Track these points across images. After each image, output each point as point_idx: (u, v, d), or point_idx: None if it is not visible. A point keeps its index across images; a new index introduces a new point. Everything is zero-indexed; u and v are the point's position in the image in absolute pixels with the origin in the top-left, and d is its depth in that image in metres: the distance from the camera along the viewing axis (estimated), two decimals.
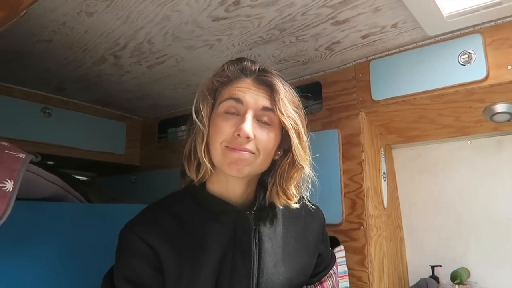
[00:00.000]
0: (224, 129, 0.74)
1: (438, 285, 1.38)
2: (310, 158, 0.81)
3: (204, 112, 0.78)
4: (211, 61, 1.36)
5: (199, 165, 0.78)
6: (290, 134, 0.75)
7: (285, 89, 0.79)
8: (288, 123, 0.75)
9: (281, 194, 0.79)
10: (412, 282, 1.50)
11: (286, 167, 0.78)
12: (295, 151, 0.76)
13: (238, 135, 0.72)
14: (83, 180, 1.95)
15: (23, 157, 0.79)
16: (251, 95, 0.76)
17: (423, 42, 1.22)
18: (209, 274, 0.72)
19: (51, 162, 1.83)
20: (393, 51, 1.28)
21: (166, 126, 2.00)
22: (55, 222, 0.96)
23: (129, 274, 0.72)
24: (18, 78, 1.54)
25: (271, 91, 0.77)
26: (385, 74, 1.29)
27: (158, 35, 1.17)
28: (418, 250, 1.53)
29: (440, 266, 1.43)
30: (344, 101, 1.37)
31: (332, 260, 0.97)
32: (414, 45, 1.24)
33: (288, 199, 0.79)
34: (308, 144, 0.80)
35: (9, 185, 0.75)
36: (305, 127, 0.80)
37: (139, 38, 1.19)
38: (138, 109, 1.94)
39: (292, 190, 0.79)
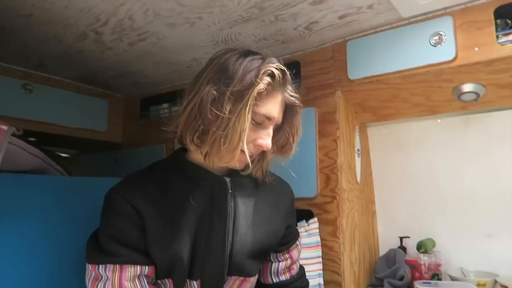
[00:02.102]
0: (250, 137, 0.79)
1: (405, 255, 1.47)
2: None
3: (239, 104, 0.76)
4: (192, 39, 1.38)
5: (202, 134, 0.79)
6: (293, 145, 0.87)
7: (299, 108, 0.87)
8: (296, 139, 0.87)
9: (263, 168, 0.88)
10: (382, 252, 1.59)
11: (275, 153, 0.88)
12: (288, 150, 0.88)
13: (260, 146, 0.81)
14: (65, 157, 1.96)
15: (6, 128, 0.82)
16: (278, 112, 0.83)
17: (397, 24, 1.26)
18: (187, 232, 0.79)
19: (33, 139, 1.84)
20: (369, 31, 1.32)
21: (148, 104, 2.02)
22: (38, 194, 0.99)
23: (114, 233, 0.77)
24: None
25: (289, 111, 0.86)
26: (361, 54, 1.33)
27: (139, 12, 1.19)
28: (389, 223, 1.62)
29: (408, 237, 1.52)
30: (321, 80, 1.42)
31: (298, 234, 1.05)
32: (389, 26, 1.28)
33: (266, 173, 0.89)
34: None
35: None
36: None
37: (120, 14, 1.20)
38: (120, 86, 1.95)
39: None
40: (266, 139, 0.80)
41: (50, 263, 0.94)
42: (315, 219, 1.37)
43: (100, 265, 0.76)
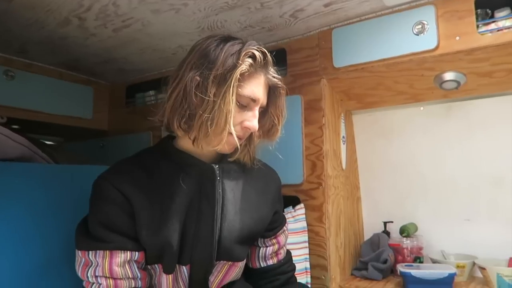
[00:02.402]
0: (236, 119, 0.80)
1: (389, 239, 1.51)
2: None
3: (213, 86, 0.77)
4: (177, 26, 1.37)
5: (188, 119, 0.80)
6: (278, 127, 0.88)
7: (282, 89, 0.88)
8: (280, 120, 0.88)
9: (251, 153, 0.90)
10: (367, 237, 1.64)
11: (261, 137, 0.90)
12: (274, 133, 0.90)
13: (247, 128, 0.81)
14: (50, 144, 1.94)
15: None
16: (262, 94, 0.84)
17: (382, 12, 1.28)
18: (176, 218, 0.80)
19: (16, 126, 1.82)
20: (354, 19, 1.33)
21: (134, 91, 2.00)
22: (24, 182, 0.98)
23: (104, 219, 0.78)
24: None
25: (272, 93, 0.87)
26: (346, 42, 1.34)
27: None
28: (373, 208, 1.66)
29: (392, 222, 1.56)
30: (307, 68, 1.43)
31: (284, 219, 1.07)
32: (374, 14, 1.29)
33: (254, 157, 0.91)
34: None
35: None
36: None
37: (103, 0, 1.18)
38: (105, 73, 1.92)
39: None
40: (252, 121, 0.81)
41: (38, 251, 0.94)
42: (302, 205, 1.39)
43: (90, 251, 0.77)
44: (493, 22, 1.14)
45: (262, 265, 1.01)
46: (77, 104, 1.94)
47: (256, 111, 0.83)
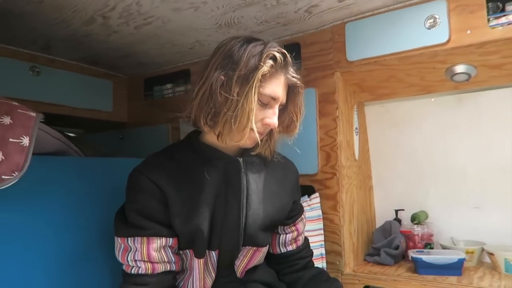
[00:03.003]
0: (257, 117, 0.86)
1: (400, 226, 1.57)
2: None
3: (237, 86, 0.83)
4: (196, 22, 1.42)
5: (214, 116, 0.86)
6: (297, 124, 0.95)
7: (300, 88, 0.93)
8: (299, 117, 0.94)
9: (271, 147, 0.97)
10: (378, 224, 1.70)
11: (281, 133, 0.96)
12: (294, 129, 0.96)
13: (268, 125, 0.88)
14: (74, 137, 2.03)
15: (34, 115, 0.89)
16: (282, 93, 0.89)
17: (394, 6, 1.31)
18: (206, 207, 0.87)
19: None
20: (367, 14, 1.37)
21: (151, 84, 2.07)
22: (61, 174, 1.07)
23: (141, 209, 0.85)
24: (5, 37, 1.57)
25: (291, 91, 0.93)
26: (359, 36, 1.38)
27: None
28: (385, 197, 1.71)
29: (403, 210, 1.62)
30: (321, 61, 1.48)
31: (302, 208, 1.14)
32: (386, 8, 1.33)
33: (274, 152, 0.98)
34: None
35: (26, 140, 0.85)
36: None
37: (127, 0, 1.24)
38: (124, 67, 1.99)
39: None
40: (272, 118, 0.87)
41: (76, 237, 1.03)
42: (317, 194, 1.46)
43: (129, 238, 0.84)
44: (504, 15, 1.17)
45: (282, 251, 1.08)
46: (98, 97, 2.02)
47: (276, 109, 0.88)
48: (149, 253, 0.84)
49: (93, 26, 1.44)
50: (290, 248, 1.08)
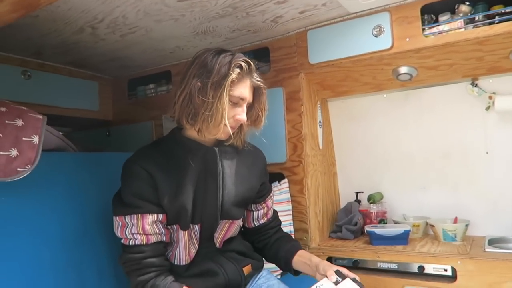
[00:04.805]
0: (229, 114, 1.05)
1: (359, 205, 1.81)
2: None
3: (212, 90, 1.01)
4: (176, 31, 1.60)
5: (194, 115, 1.05)
6: (259, 115, 1.13)
7: (264, 89, 1.12)
8: (264, 113, 1.13)
9: (242, 138, 1.16)
10: (342, 205, 1.92)
11: (249, 126, 1.16)
12: (259, 123, 1.15)
13: (238, 120, 1.06)
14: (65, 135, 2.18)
15: (41, 118, 1.06)
16: (248, 94, 1.08)
17: (347, 16, 1.53)
18: (189, 188, 1.07)
19: None
20: (325, 23, 1.58)
21: (135, 84, 2.23)
22: (61, 167, 1.24)
23: (134, 191, 1.03)
24: None
25: (257, 92, 1.12)
26: (319, 42, 1.59)
27: (131, 12, 1.40)
28: (347, 181, 1.95)
29: (362, 192, 1.85)
30: (287, 64, 1.68)
31: (271, 188, 1.35)
32: (341, 18, 1.54)
33: (244, 143, 1.18)
34: None
35: (36, 139, 1.02)
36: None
37: (115, 14, 1.41)
38: (109, 69, 2.14)
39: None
40: (242, 115, 1.07)
41: (77, 220, 1.21)
42: (286, 180, 1.67)
43: (126, 216, 1.02)
44: (436, 26, 1.40)
45: (256, 225, 1.29)
46: (84, 97, 2.17)
47: (244, 107, 1.08)
48: (144, 227, 1.02)
49: (82, 35, 1.60)
50: (262, 221, 1.29)
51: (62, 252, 1.16)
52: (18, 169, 1.01)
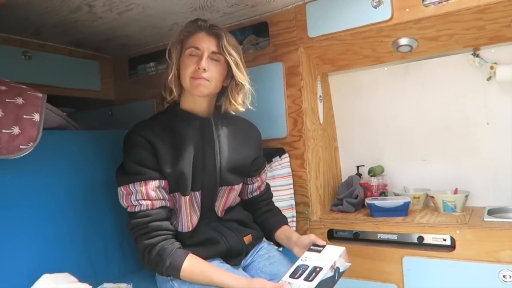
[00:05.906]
0: (189, 66, 1.12)
1: (360, 179, 1.82)
2: (248, 79, 1.20)
3: (174, 55, 1.16)
4: (173, 7, 1.59)
5: (171, 90, 1.16)
6: (231, 65, 1.14)
7: (227, 37, 1.14)
8: (229, 58, 1.14)
9: (232, 102, 1.19)
10: (344, 179, 1.94)
11: (233, 86, 1.19)
12: (235, 75, 1.16)
13: (198, 68, 1.10)
14: (68, 115, 2.20)
15: (41, 96, 1.08)
16: (205, 43, 1.13)
17: None
18: (187, 155, 1.11)
19: None
20: None
21: (136, 63, 2.23)
22: (63, 145, 1.28)
23: (137, 159, 1.07)
24: None
25: (218, 39, 1.14)
26: (318, 15, 1.57)
27: None
28: (348, 155, 1.96)
29: (363, 166, 1.87)
30: (286, 38, 1.67)
31: (265, 163, 1.39)
32: None
33: (237, 104, 1.19)
34: (245, 70, 1.19)
35: (36, 116, 1.04)
36: (243, 60, 1.18)
37: None
38: (109, 48, 2.14)
39: (239, 99, 1.19)
40: (201, 63, 1.10)
41: (81, 193, 1.26)
42: (287, 154, 1.69)
43: (130, 184, 1.06)
44: None
45: (250, 197, 1.36)
46: (86, 77, 2.18)
47: (204, 57, 1.11)
48: (148, 193, 1.05)
49: (79, 13, 1.60)
50: (255, 194, 1.36)
51: (68, 225, 1.22)
52: (21, 147, 1.03)
